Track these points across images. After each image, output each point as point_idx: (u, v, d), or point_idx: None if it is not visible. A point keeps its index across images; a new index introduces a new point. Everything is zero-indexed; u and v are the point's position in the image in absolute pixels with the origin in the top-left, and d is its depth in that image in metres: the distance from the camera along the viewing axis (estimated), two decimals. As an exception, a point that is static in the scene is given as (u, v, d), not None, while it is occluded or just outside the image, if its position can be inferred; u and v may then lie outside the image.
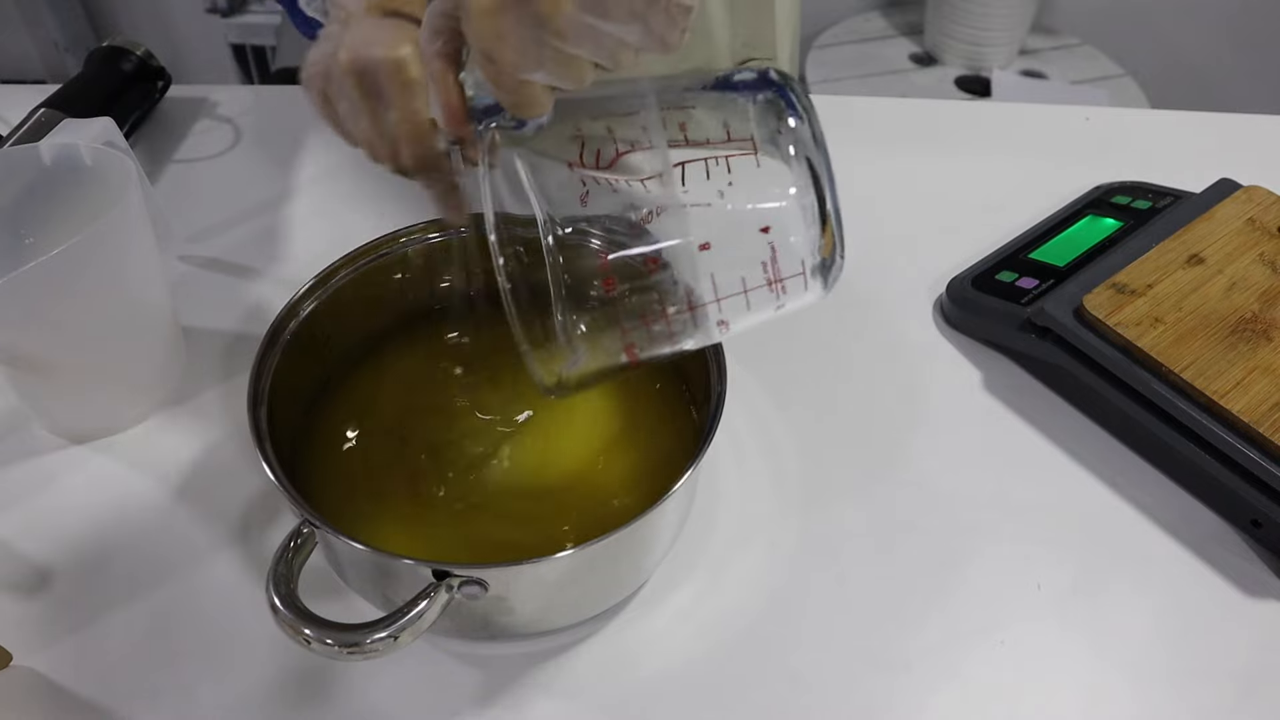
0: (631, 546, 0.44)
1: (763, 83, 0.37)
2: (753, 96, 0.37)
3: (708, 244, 0.35)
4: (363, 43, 0.42)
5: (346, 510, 0.47)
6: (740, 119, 0.36)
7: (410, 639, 0.37)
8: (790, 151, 0.36)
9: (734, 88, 0.37)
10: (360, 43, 0.42)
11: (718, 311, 0.37)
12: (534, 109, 0.35)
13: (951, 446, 0.56)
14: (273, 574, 0.38)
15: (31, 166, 0.53)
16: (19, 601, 0.48)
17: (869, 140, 0.81)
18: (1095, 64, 1.68)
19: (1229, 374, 0.52)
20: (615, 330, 0.36)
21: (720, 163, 0.36)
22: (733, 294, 0.36)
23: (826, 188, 0.35)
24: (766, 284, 0.36)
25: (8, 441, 0.55)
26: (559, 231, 0.35)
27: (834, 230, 0.36)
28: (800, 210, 0.35)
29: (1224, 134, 0.83)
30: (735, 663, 0.46)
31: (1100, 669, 0.46)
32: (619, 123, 0.36)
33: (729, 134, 0.36)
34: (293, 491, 0.40)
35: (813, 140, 0.36)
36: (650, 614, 0.48)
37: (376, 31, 0.42)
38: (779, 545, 0.51)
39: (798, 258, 0.36)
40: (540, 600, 0.43)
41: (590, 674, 0.45)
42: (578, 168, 0.36)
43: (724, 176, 0.35)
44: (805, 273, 0.36)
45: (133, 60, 0.78)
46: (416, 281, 0.56)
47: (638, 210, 0.36)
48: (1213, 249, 0.60)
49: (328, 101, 0.45)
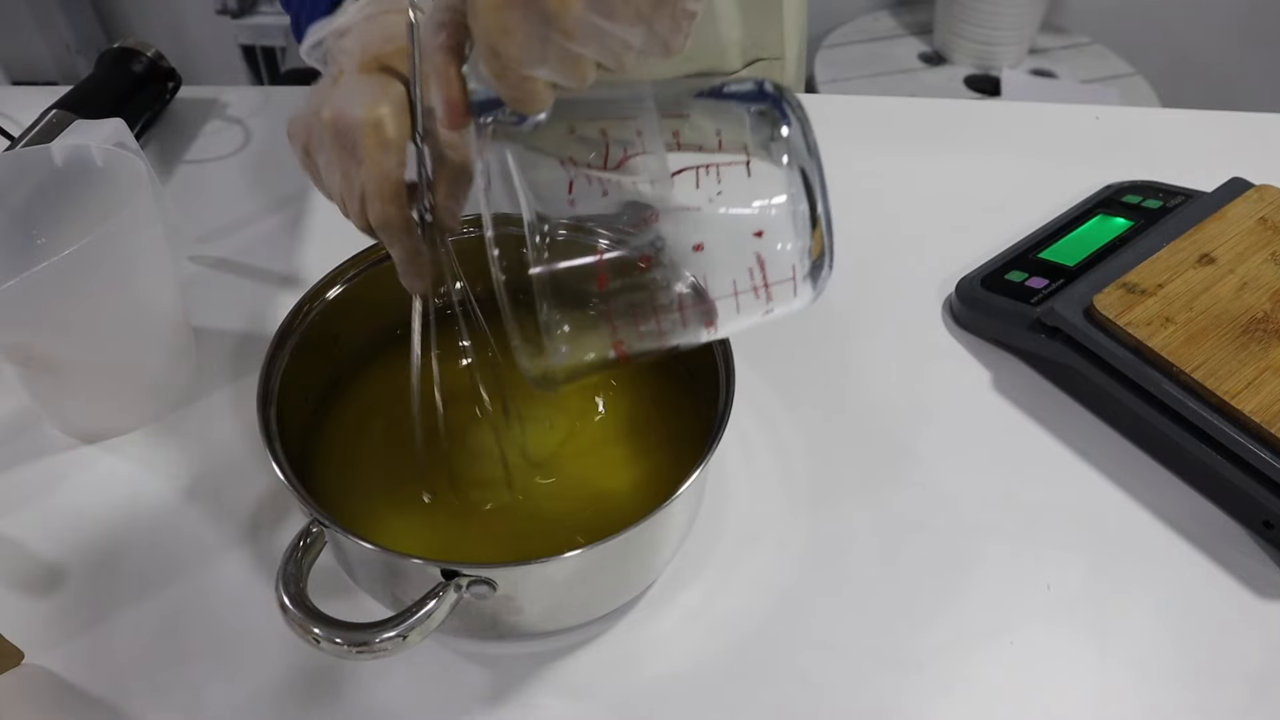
0: (640, 546, 0.44)
1: (758, 93, 0.37)
2: (748, 106, 0.37)
3: (701, 245, 0.35)
4: (345, 100, 0.43)
5: (356, 510, 0.47)
6: (735, 127, 0.37)
7: (419, 638, 0.37)
8: (783, 160, 0.36)
9: (730, 96, 0.38)
10: (343, 100, 0.43)
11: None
12: (535, 105, 0.35)
13: (960, 447, 0.56)
14: (282, 573, 0.38)
15: (43, 167, 0.54)
16: (30, 600, 0.48)
17: (878, 140, 0.80)
18: (1105, 63, 1.68)
19: (1240, 374, 0.51)
20: (605, 327, 0.36)
21: (714, 169, 0.36)
22: (723, 296, 0.36)
23: (819, 195, 0.36)
24: (755, 289, 0.37)
25: (19, 441, 0.55)
26: (545, 229, 0.35)
27: (824, 237, 0.36)
28: (791, 216, 0.36)
29: (1235, 133, 0.82)
30: (744, 663, 0.46)
31: (1110, 670, 0.46)
32: (616, 125, 0.37)
33: (723, 141, 0.36)
34: (302, 491, 0.41)
35: (805, 149, 0.36)
36: (659, 614, 0.48)
37: (361, 89, 0.43)
38: (788, 545, 0.51)
39: (788, 263, 0.36)
40: (549, 600, 0.43)
41: (599, 674, 0.45)
42: (571, 166, 0.36)
43: (717, 182, 0.36)
44: (795, 278, 0.37)
45: (144, 61, 0.79)
46: None
47: (632, 211, 0.36)
48: (1224, 248, 0.59)
49: (309, 155, 0.46)
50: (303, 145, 0.46)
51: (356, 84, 0.43)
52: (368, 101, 0.42)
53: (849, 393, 0.59)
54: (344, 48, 0.46)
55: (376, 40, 0.45)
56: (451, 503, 0.48)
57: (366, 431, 0.52)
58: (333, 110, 0.43)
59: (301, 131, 0.46)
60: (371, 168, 0.42)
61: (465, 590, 0.38)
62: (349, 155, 0.43)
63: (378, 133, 0.42)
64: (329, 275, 0.51)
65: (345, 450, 0.51)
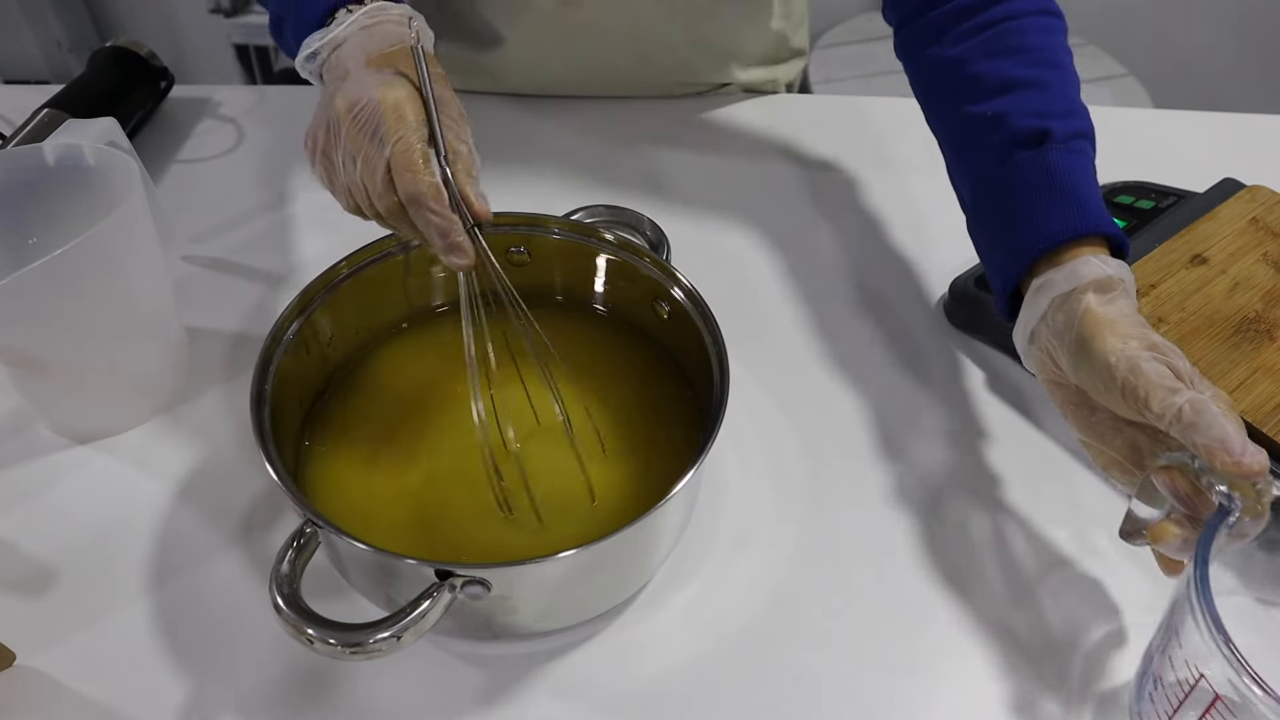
0: (634, 547, 0.44)
1: None
2: None
3: None
4: (359, 88, 0.44)
5: (350, 510, 0.47)
6: None
7: (413, 639, 0.37)
8: None
9: None
10: (357, 89, 0.44)
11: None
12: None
13: (954, 445, 0.56)
14: (275, 574, 0.38)
15: (35, 166, 0.53)
16: (22, 601, 0.48)
17: (872, 140, 0.80)
18: (1099, 64, 1.68)
19: (1232, 374, 0.51)
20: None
21: None
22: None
23: None
24: None
25: (11, 442, 0.55)
26: None
27: None
28: None
29: (1227, 134, 0.83)
30: (737, 663, 0.46)
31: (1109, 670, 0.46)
32: None
33: None
34: (295, 491, 0.40)
35: None
36: (653, 614, 0.48)
37: (373, 78, 0.44)
38: (780, 545, 0.51)
39: None
40: (543, 600, 0.43)
41: (593, 674, 0.45)
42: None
43: None
44: None
45: (136, 60, 0.78)
46: (419, 281, 0.56)
47: None
48: (1216, 249, 0.59)
49: (325, 156, 0.46)
50: (319, 147, 0.46)
51: (368, 75, 0.44)
52: (382, 86, 0.43)
53: (842, 392, 0.59)
54: (342, 56, 0.47)
55: (378, 42, 0.46)
56: (446, 503, 0.48)
57: (361, 432, 0.51)
58: (347, 98, 0.44)
59: (319, 130, 0.46)
60: (397, 143, 0.42)
61: (459, 591, 0.38)
62: (368, 138, 0.43)
63: (398, 110, 0.43)
64: (322, 275, 0.51)
65: (339, 451, 0.50)
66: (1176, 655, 0.37)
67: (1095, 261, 0.45)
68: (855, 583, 0.49)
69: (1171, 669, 0.38)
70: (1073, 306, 0.45)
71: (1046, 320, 0.46)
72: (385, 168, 0.43)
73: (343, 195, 0.46)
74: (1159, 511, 0.42)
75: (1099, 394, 0.43)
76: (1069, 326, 0.44)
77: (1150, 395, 0.40)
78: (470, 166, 0.44)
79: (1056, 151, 0.50)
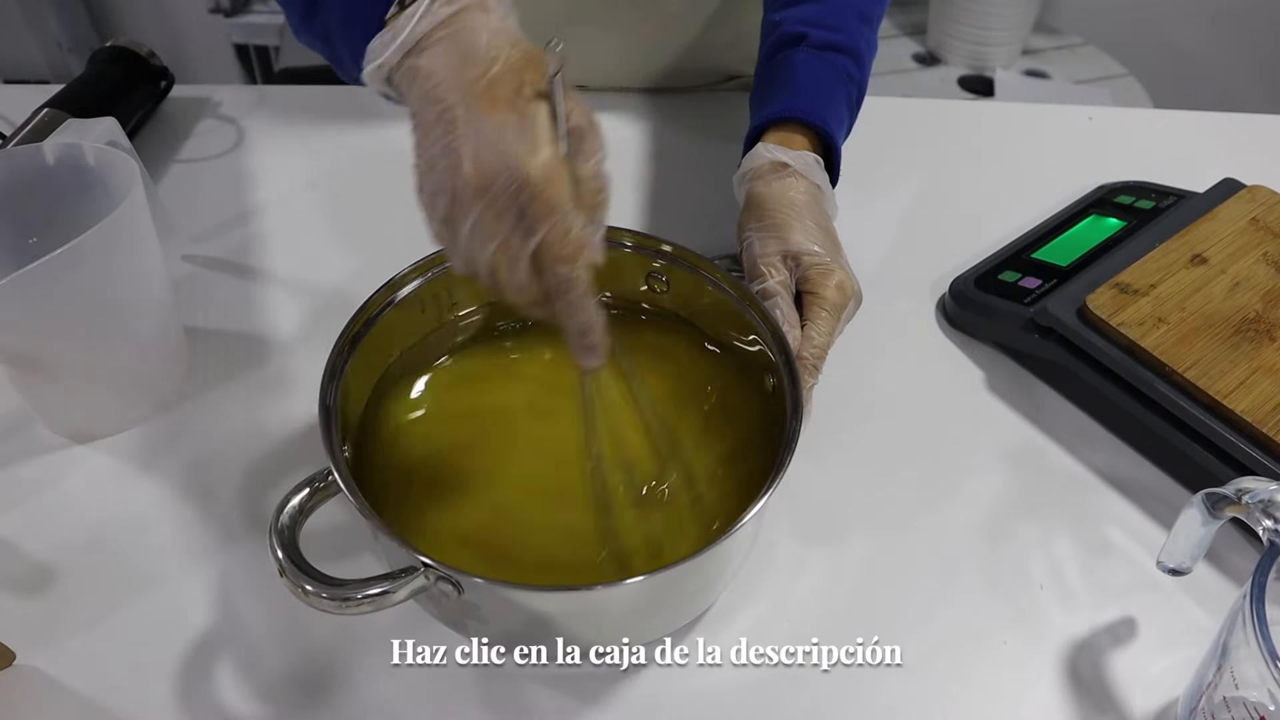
0: (613, 605, 0.41)
1: None
2: None
3: None
4: (489, 152, 0.36)
5: (395, 500, 0.47)
6: None
7: (371, 608, 0.37)
8: None
9: None
10: (486, 152, 0.36)
11: None
12: None
13: (954, 446, 0.56)
14: (275, 527, 0.39)
15: (35, 166, 0.53)
16: (22, 601, 0.48)
17: (872, 140, 0.80)
18: (1098, 64, 1.68)
19: (1232, 374, 0.51)
20: None
21: None
22: None
23: None
24: None
25: (11, 441, 0.55)
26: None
27: None
28: None
29: (1227, 134, 0.83)
30: (744, 666, 0.46)
31: (1108, 669, 0.46)
32: None
33: None
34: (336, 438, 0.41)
35: None
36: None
37: (502, 134, 0.36)
38: (774, 544, 0.51)
39: None
40: (515, 622, 0.42)
41: (593, 673, 0.45)
42: None
43: None
44: None
45: (136, 60, 0.78)
46: (478, 296, 0.53)
47: None
48: (1216, 249, 0.59)
49: (449, 225, 0.39)
50: (439, 215, 0.39)
51: (491, 128, 0.37)
52: (522, 152, 0.36)
53: (841, 392, 0.59)
54: (427, 71, 0.39)
55: (474, 60, 0.38)
56: (484, 515, 0.46)
57: (414, 432, 0.50)
58: (477, 166, 0.36)
59: (442, 199, 0.38)
60: (550, 231, 0.36)
61: (433, 583, 0.38)
62: (509, 222, 0.37)
63: (550, 189, 0.36)
64: (389, 281, 0.49)
65: (391, 449, 0.49)
66: (1229, 687, 0.37)
67: (767, 150, 0.57)
68: (848, 581, 0.49)
69: (1227, 708, 0.38)
70: (742, 185, 0.58)
71: (738, 189, 0.59)
72: (529, 256, 0.37)
73: (462, 264, 0.40)
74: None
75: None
76: (742, 198, 0.57)
77: (751, 270, 0.53)
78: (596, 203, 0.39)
79: (803, 54, 0.61)
